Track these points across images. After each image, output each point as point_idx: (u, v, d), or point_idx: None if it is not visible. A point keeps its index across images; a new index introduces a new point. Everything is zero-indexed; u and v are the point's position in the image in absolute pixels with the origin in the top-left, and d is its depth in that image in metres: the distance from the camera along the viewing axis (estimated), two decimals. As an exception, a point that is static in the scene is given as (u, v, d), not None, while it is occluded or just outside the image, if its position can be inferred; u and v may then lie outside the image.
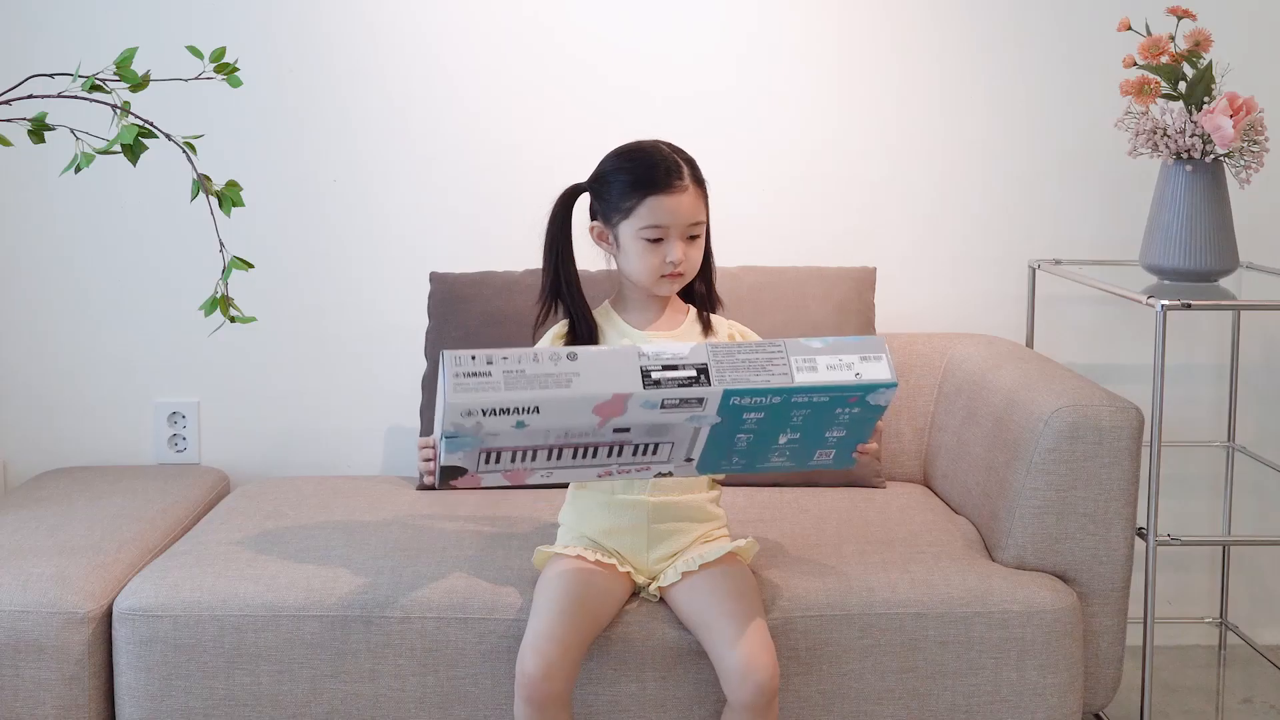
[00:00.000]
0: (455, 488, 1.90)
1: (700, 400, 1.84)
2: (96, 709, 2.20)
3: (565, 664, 2.01)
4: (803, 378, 1.86)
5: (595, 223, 2.21)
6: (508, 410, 1.78)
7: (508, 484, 1.91)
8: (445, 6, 2.89)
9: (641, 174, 2.14)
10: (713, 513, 2.23)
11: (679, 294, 2.24)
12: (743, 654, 2.00)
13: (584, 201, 2.22)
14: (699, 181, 2.17)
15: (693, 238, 2.17)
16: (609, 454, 1.89)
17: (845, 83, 2.92)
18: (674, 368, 1.83)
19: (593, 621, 2.08)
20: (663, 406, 1.83)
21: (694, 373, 1.83)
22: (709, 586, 2.10)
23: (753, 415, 1.88)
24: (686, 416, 1.85)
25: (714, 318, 2.26)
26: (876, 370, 1.89)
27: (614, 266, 2.22)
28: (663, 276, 2.16)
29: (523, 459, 1.86)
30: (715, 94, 2.92)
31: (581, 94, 2.90)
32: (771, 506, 2.55)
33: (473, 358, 1.78)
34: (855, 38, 2.92)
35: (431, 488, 1.89)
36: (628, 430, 1.85)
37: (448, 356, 1.77)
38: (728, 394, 1.84)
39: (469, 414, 1.77)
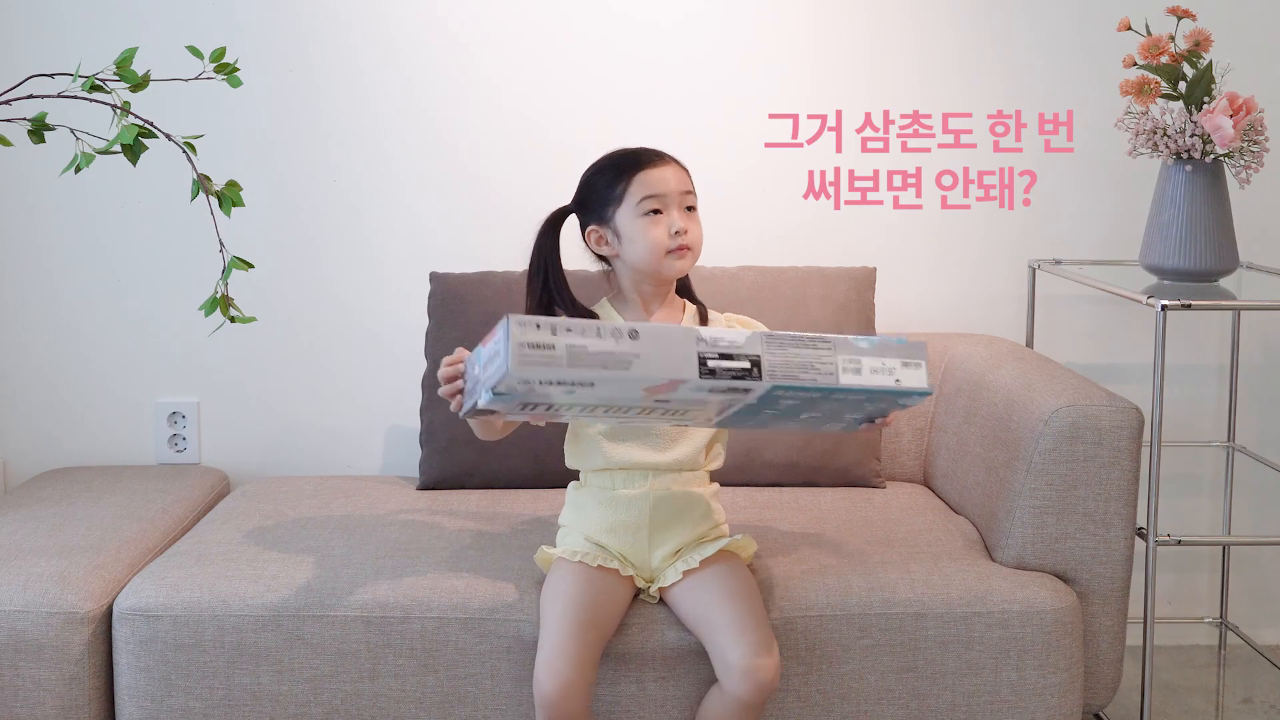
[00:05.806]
0: (478, 418, 1.96)
1: (746, 390, 1.85)
2: (96, 709, 2.20)
3: (581, 681, 2.01)
4: (847, 379, 1.88)
5: (591, 227, 2.21)
6: (564, 382, 1.78)
7: (529, 421, 1.97)
8: (445, 6, 2.89)
9: (623, 160, 2.19)
10: (712, 510, 2.22)
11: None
12: (748, 652, 2.01)
13: (571, 229, 2.24)
14: (680, 165, 2.21)
15: (690, 209, 2.18)
16: (639, 413, 1.89)
17: (846, 82, 2.92)
18: (729, 356, 1.83)
19: (602, 631, 2.09)
20: (710, 391, 1.84)
21: (748, 364, 1.83)
22: (711, 585, 2.10)
23: (787, 402, 1.89)
24: (728, 399, 1.86)
25: (711, 313, 2.27)
26: (915, 378, 1.92)
27: (611, 275, 2.25)
28: (669, 253, 2.16)
29: (557, 411, 1.88)
30: (716, 95, 2.92)
31: (583, 94, 2.90)
32: (771, 506, 2.55)
33: (538, 326, 1.77)
34: (856, 37, 2.92)
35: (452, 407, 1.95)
36: (668, 401, 1.86)
37: (513, 324, 1.75)
38: (773, 388, 1.85)
39: (526, 382, 1.77)
